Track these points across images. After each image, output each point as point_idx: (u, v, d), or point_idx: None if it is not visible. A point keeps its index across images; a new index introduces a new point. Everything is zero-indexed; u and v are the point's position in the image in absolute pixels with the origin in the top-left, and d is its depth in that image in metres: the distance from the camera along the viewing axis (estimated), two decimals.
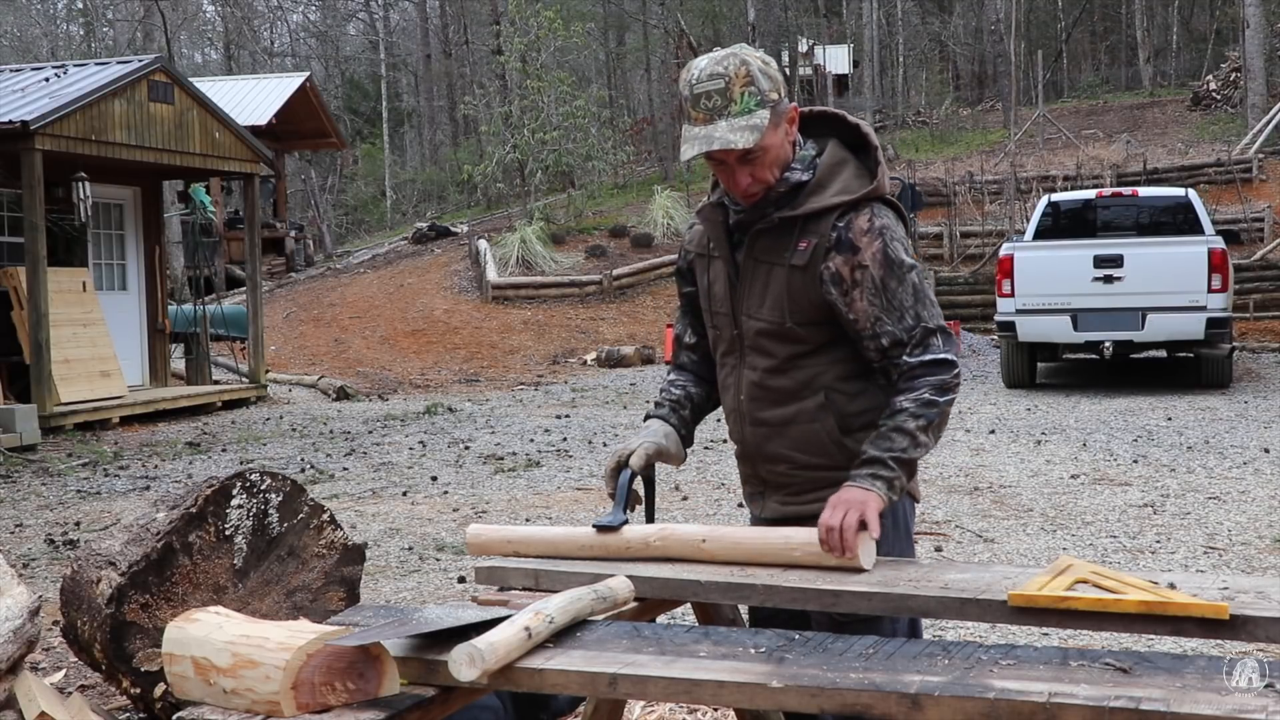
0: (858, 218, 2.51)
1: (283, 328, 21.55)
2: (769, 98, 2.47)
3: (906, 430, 2.46)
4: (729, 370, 2.71)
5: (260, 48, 46.80)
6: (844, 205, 2.52)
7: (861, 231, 2.50)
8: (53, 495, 8.75)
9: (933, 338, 2.51)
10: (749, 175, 2.51)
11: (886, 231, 2.50)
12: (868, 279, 2.49)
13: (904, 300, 2.49)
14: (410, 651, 2.07)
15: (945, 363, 2.50)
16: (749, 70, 2.45)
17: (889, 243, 2.50)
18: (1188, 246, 12.82)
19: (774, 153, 2.51)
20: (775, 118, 2.48)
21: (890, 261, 2.49)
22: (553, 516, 7.34)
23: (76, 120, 12.68)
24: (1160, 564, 5.79)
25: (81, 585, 3.30)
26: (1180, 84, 36.88)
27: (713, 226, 2.68)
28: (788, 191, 2.55)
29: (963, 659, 1.91)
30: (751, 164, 2.50)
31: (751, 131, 2.44)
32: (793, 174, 2.55)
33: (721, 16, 37.49)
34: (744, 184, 2.52)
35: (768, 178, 2.52)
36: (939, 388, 2.49)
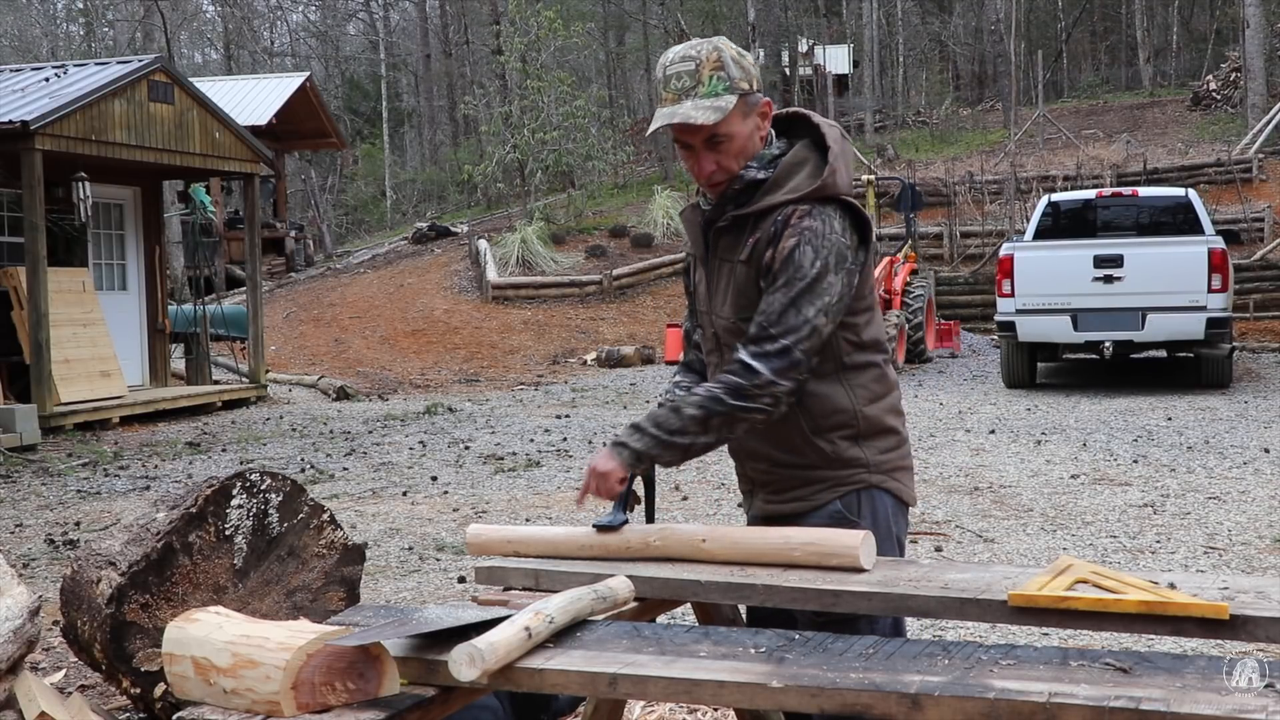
0: (792, 214, 2.51)
1: (283, 328, 21.55)
2: (738, 85, 2.49)
3: (683, 414, 2.50)
4: (713, 368, 2.73)
5: (260, 48, 46.80)
6: (790, 203, 2.52)
7: (788, 226, 2.50)
8: (53, 495, 8.75)
9: (767, 343, 2.47)
10: (714, 162, 2.53)
11: (809, 232, 2.48)
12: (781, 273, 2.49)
13: (777, 298, 2.48)
14: (410, 651, 2.07)
15: (750, 369, 2.47)
16: (720, 57, 2.49)
17: (802, 244, 2.47)
18: (1188, 246, 12.82)
19: (739, 142, 2.52)
20: (744, 107, 2.51)
21: (789, 260, 2.47)
22: (553, 516, 7.34)
23: (76, 120, 12.68)
24: (1160, 564, 5.79)
25: (81, 585, 3.30)
26: (1180, 84, 36.88)
27: (690, 228, 2.71)
28: (743, 189, 2.56)
29: (963, 659, 1.91)
30: (716, 150, 2.51)
31: (714, 111, 2.46)
32: (748, 172, 2.56)
33: (721, 16, 37.49)
34: (707, 170, 2.54)
35: (732, 166, 2.53)
36: (734, 390, 2.48)
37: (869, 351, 2.64)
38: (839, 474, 2.61)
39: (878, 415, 2.64)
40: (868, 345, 2.64)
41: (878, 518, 2.62)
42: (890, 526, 2.65)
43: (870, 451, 2.62)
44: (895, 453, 2.67)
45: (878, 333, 2.68)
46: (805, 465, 2.62)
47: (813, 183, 2.53)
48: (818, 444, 2.59)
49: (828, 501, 2.61)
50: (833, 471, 2.61)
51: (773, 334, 2.47)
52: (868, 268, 2.60)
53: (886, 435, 2.65)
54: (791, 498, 2.63)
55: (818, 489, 2.62)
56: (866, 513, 2.61)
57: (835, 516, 2.60)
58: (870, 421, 2.62)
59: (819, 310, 2.47)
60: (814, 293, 2.47)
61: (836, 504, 2.61)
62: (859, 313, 2.60)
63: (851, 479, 2.61)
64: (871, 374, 2.64)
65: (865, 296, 2.62)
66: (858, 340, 2.62)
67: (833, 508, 2.61)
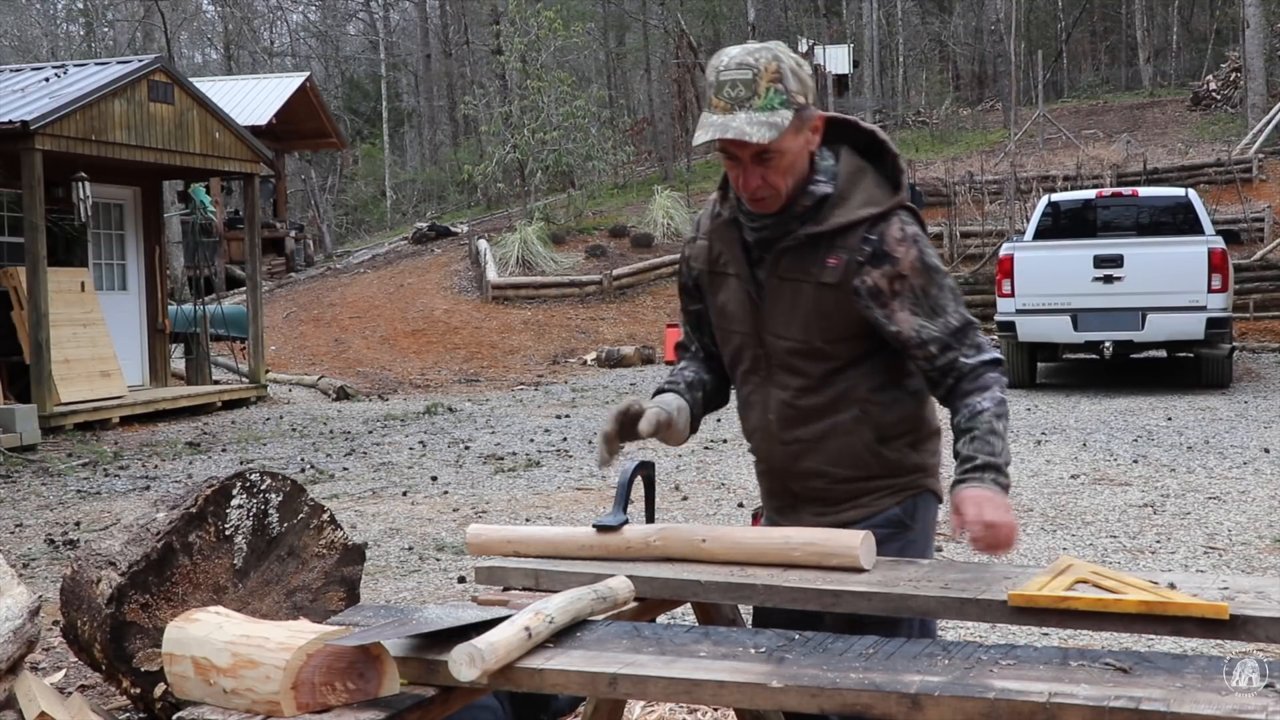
0: (889, 228, 2.44)
1: (283, 328, 21.55)
2: (795, 99, 2.35)
3: (999, 432, 2.43)
4: (753, 389, 2.62)
5: (260, 48, 46.80)
6: (873, 218, 2.45)
7: (896, 242, 2.43)
8: (53, 495, 8.75)
9: (978, 334, 2.49)
10: (760, 177, 2.39)
11: (919, 239, 2.46)
12: (907, 288, 2.43)
13: (945, 304, 2.46)
14: (410, 651, 2.07)
15: (999, 361, 2.50)
16: (779, 67, 2.34)
17: (923, 250, 2.45)
18: (1188, 246, 12.82)
19: (790, 158, 2.39)
20: (798, 122, 2.37)
21: (928, 268, 2.45)
22: (553, 516, 7.34)
23: (76, 120, 12.68)
24: (1160, 564, 5.79)
25: (81, 585, 3.30)
26: (1180, 84, 36.87)
27: (727, 244, 2.57)
28: (813, 205, 2.46)
29: (963, 659, 1.91)
30: (765, 165, 2.38)
31: (770, 129, 2.31)
32: (818, 186, 2.45)
33: (721, 16, 37.51)
34: (753, 185, 2.41)
35: (779, 184, 2.41)
36: (1003, 381, 2.49)
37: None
38: (900, 480, 2.57)
39: (931, 419, 2.63)
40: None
41: (927, 522, 2.62)
42: (933, 528, 2.67)
43: (926, 455, 2.61)
44: (938, 455, 2.66)
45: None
46: (867, 477, 2.56)
47: (890, 194, 2.48)
48: (884, 453, 2.55)
49: (887, 508, 2.56)
50: (895, 479, 2.57)
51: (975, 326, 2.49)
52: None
53: (935, 437, 2.64)
54: (848, 508, 2.58)
55: (877, 496, 2.57)
56: (921, 518, 2.58)
57: (893, 521, 2.56)
58: (926, 425, 2.61)
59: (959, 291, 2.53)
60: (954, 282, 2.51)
61: (896, 510, 2.57)
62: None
63: (912, 484, 2.58)
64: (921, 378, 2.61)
65: None
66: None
67: (891, 514, 2.57)
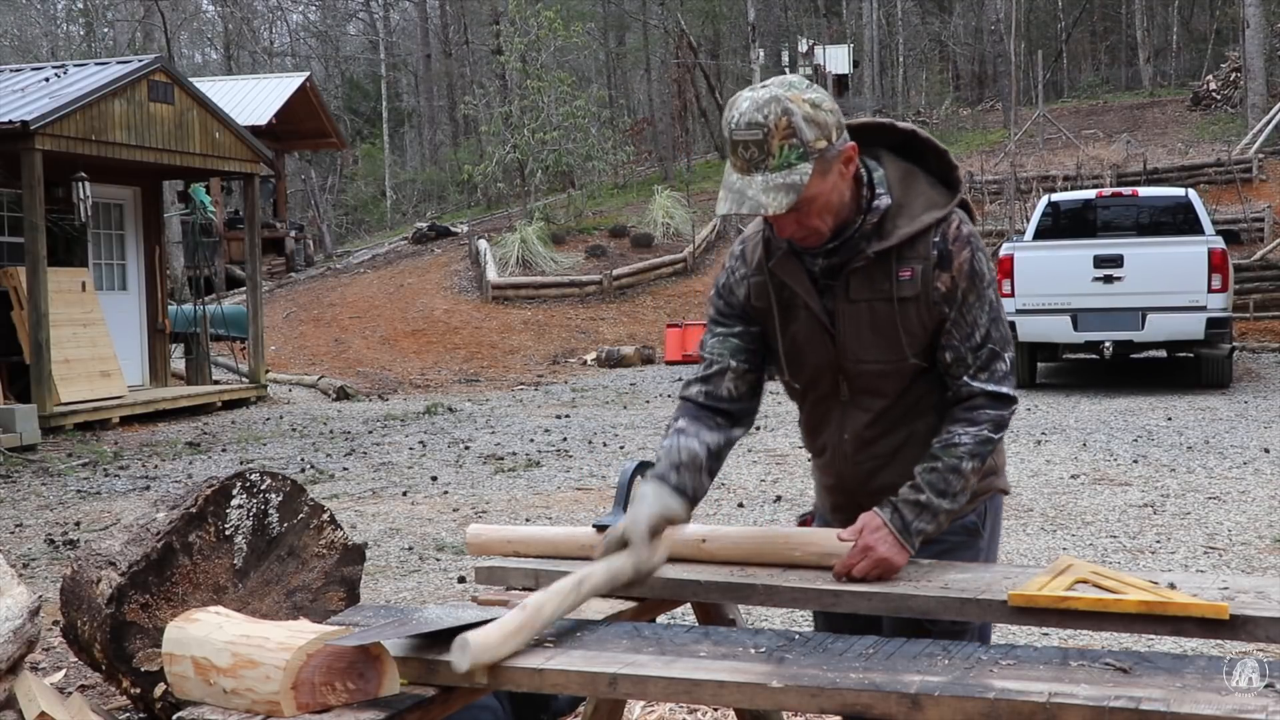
0: (949, 228, 2.39)
1: (283, 328, 21.55)
2: (814, 148, 2.25)
3: (963, 473, 2.35)
4: (827, 410, 2.54)
5: (260, 48, 46.79)
6: (937, 222, 2.39)
7: (952, 240, 2.38)
8: (53, 495, 8.75)
9: (998, 363, 2.39)
10: (794, 223, 2.33)
11: (974, 240, 2.40)
12: (956, 289, 2.37)
13: (977, 316, 2.37)
14: (410, 651, 2.07)
15: (1007, 398, 2.39)
16: (790, 121, 2.23)
17: (975, 253, 2.38)
18: (1188, 246, 12.82)
19: (822, 200, 2.31)
20: (823, 165, 2.28)
21: (974, 274, 2.37)
22: (553, 516, 7.34)
23: (76, 120, 12.68)
24: (1160, 564, 5.79)
25: (81, 585, 3.30)
26: (1180, 84, 36.86)
27: (793, 276, 2.45)
28: (878, 221, 2.39)
29: (963, 659, 1.91)
30: (799, 213, 2.30)
31: (786, 192, 2.24)
32: (880, 200, 2.39)
33: (721, 16, 37.50)
34: (789, 231, 2.35)
35: (818, 225, 2.33)
36: (998, 424, 2.38)
37: None
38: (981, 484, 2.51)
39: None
40: None
41: (994, 522, 2.59)
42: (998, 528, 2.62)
43: (999, 457, 2.59)
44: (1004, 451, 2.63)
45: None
46: None
47: (947, 194, 2.42)
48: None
49: (965, 514, 2.51)
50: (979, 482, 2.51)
51: (997, 352, 2.39)
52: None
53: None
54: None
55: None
56: (989, 520, 2.54)
57: (968, 528, 2.53)
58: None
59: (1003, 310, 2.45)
60: (998, 296, 2.43)
61: (971, 516, 2.53)
62: None
63: (985, 487, 2.54)
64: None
65: None
66: None
67: (968, 520, 2.53)
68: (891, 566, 2.32)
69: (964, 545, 2.52)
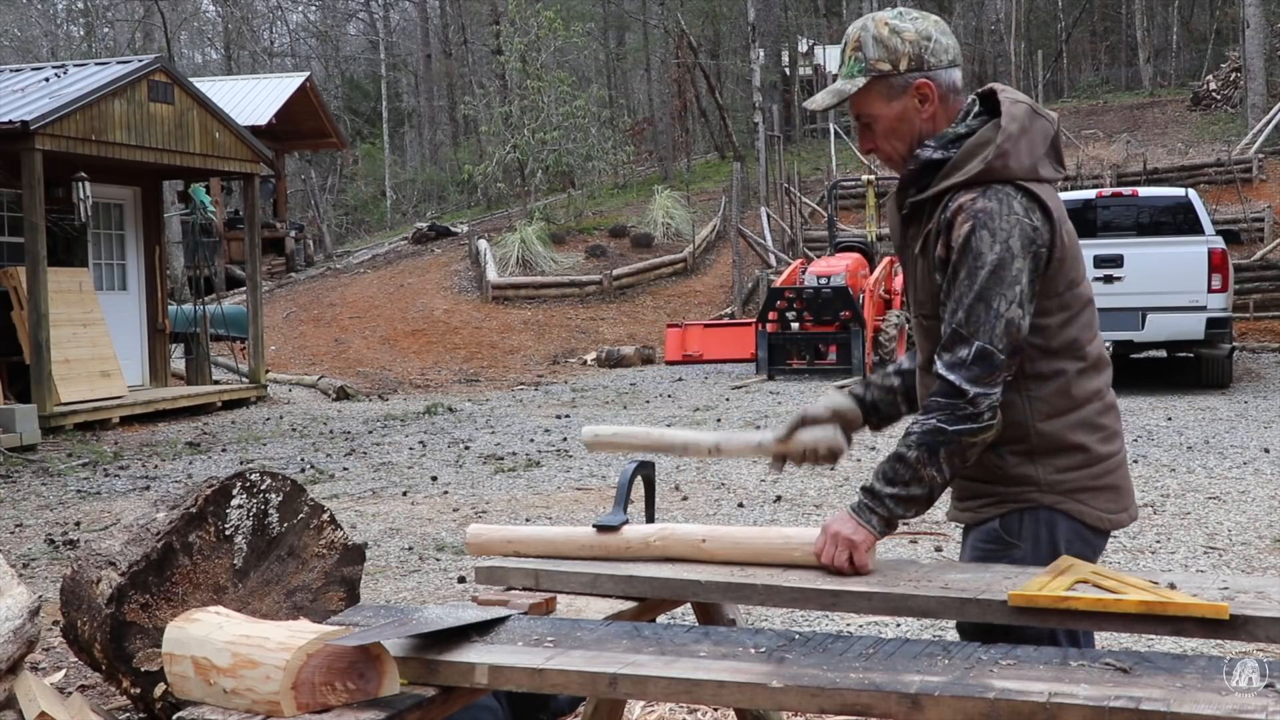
0: (963, 196, 2.32)
1: (283, 328, 21.56)
2: (875, 66, 2.38)
3: (908, 461, 2.32)
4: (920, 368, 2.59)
5: (260, 48, 46.79)
6: (959, 186, 2.33)
7: (959, 210, 2.32)
8: (53, 495, 8.75)
9: (960, 347, 2.29)
10: (870, 141, 2.47)
11: (983, 215, 2.28)
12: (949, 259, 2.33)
13: (962, 294, 2.29)
14: (410, 651, 2.07)
15: (955, 389, 2.28)
16: (861, 36, 2.41)
17: (977, 229, 2.28)
18: (1188, 246, 12.82)
19: (886, 124, 2.41)
20: (884, 88, 2.39)
21: (968, 249, 2.28)
22: (553, 516, 7.34)
23: (76, 120, 12.68)
24: (1160, 564, 5.79)
25: (81, 585, 3.30)
26: (1180, 84, 36.85)
27: (891, 217, 2.58)
28: (920, 171, 2.40)
29: (963, 659, 1.91)
30: (869, 130, 2.45)
31: (831, 95, 2.42)
32: (924, 151, 2.39)
33: (721, 16, 37.49)
34: (865, 147, 2.51)
35: (886, 148, 2.44)
36: (950, 414, 2.29)
37: (1060, 358, 2.39)
38: (1006, 490, 2.42)
39: (1057, 431, 2.39)
40: (1058, 351, 2.38)
41: (1040, 540, 2.41)
42: (1060, 551, 2.39)
43: (1044, 470, 2.39)
44: (1081, 472, 2.40)
45: (1078, 335, 2.40)
46: (977, 478, 2.45)
47: (980, 165, 2.33)
48: (985, 458, 2.40)
49: (990, 518, 2.45)
50: (1001, 488, 2.43)
51: (964, 335, 2.28)
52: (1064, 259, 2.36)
53: (1070, 453, 2.40)
54: (966, 506, 2.51)
55: (984, 503, 2.46)
56: (1029, 534, 2.41)
57: (990, 535, 2.46)
58: (1047, 438, 2.39)
59: (1011, 301, 2.26)
60: (1001, 281, 2.27)
61: (995, 523, 2.45)
62: (1050, 313, 2.36)
63: (1019, 497, 2.41)
64: (1055, 385, 2.39)
65: (1059, 293, 2.37)
66: (1045, 345, 2.37)
67: (991, 526, 2.45)
68: (849, 543, 2.36)
69: (991, 555, 2.45)
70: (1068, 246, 2.37)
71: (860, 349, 15.32)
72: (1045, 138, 2.40)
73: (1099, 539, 2.46)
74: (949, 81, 2.42)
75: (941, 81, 2.41)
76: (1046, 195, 2.35)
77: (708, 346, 18.70)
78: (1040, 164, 2.37)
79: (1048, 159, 2.40)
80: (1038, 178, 2.35)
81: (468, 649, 2.08)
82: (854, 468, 8.46)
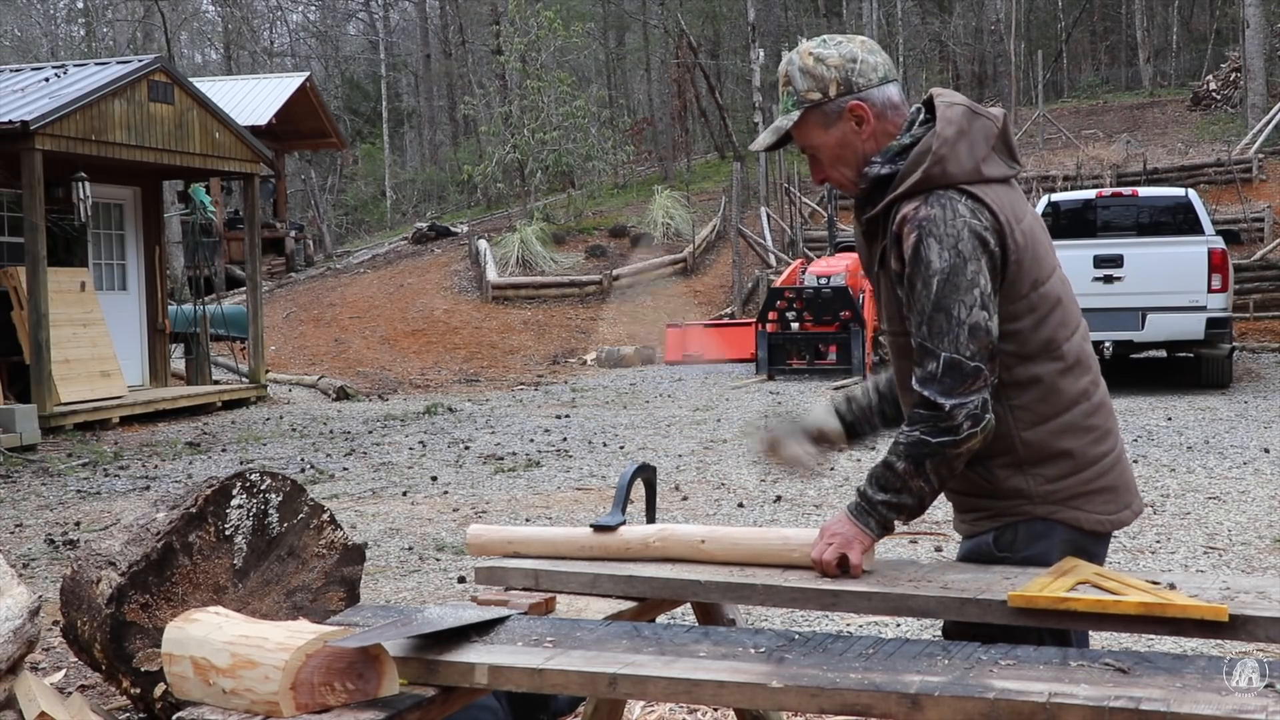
0: (905, 207, 2.29)
1: (283, 328, 21.55)
2: (806, 97, 2.38)
3: (896, 471, 2.31)
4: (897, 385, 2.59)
5: (260, 48, 46.79)
6: (899, 197, 2.31)
7: (904, 222, 2.29)
8: (53, 495, 8.75)
9: (929, 361, 2.25)
10: (820, 172, 2.47)
11: (926, 224, 2.25)
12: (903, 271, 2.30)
13: (922, 305, 2.25)
14: (410, 652, 2.07)
15: (929, 402, 2.25)
16: (788, 71, 2.41)
17: (924, 238, 2.24)
18: (1188, 246, 12.82)
19: (829, 151, 2.40)
20: (820, 117, 2.38)
21: (918, 259, 2.25)
22: (553, 516, 7.34)
23: (76, 120, 12.68)
24: (1160, 564, 5.79)
25: (81, 585, 3.30)
26: (1180, 84, 36.85)
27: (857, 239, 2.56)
28: (871, 189, 2.38)
29: (963, 659, 1.91)
30: (818, 161, 2.45)
31: (772, 134, 2.45)
32: (871, 168, 2.37)
33: (721, 16, 37.49)
34: (817, 178, 2.51)
35: (835, 176, 2.43)
36: (931, 427, 2.25)
37: (1036, 362, 2.33)
38: (998, 504, 2.38)
39: (1043, 439, 2.34)
40: (1034, 355, 2.32)
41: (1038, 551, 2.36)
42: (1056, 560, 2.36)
43: (1035, 481, 2.34)
44: (1073, 479, 2.35)
45: (1052, 335, 2.34)
46: (968, 493, 2.43)
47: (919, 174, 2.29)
48: (971, 474, 2.37)
49: (984, 531, 2.42)
50: (993, 502, 2.38)
51: (929, 348, 2.24)
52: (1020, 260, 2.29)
53: (1058, 460, 2.34)
54: (964, 519, 2.49)
55: (978, 517, 2.43)
56: (1025, 546, 2.36)
57: (982, 550, 2.42)
58: (1033, 447, 2.34)
59: (971, 305, 2.21)
60: (957, 288, 2.22)
61: (988, 538, 2.40)
62: (1018, 316, 2.30)
63: (1012, 510, 2.37)
64: (1036, 391, 2.33)
65: (1024, 295, 2.30)
66: (1019, 351, 2.32)
67: (983, 540, 2.42)
68: (843, 540, 2.37)
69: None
70: (1024, 247, 2.30)
71: (860, 349, 15.33)
72: (987, 136, 2.34)
73: (1099, 543, 2.42)
74: (883, 99, 2.37)
75: (875, 100, 2.37)
76: (993, 196, 2.29)
77: (708, 346, 18.70)
78: (985, 163, 2.32)
79: (996, 156, 2.35)
80: (982, 179, 2.30)
81: (468, 649, 2.08)
82: (854, 467, 8.46)
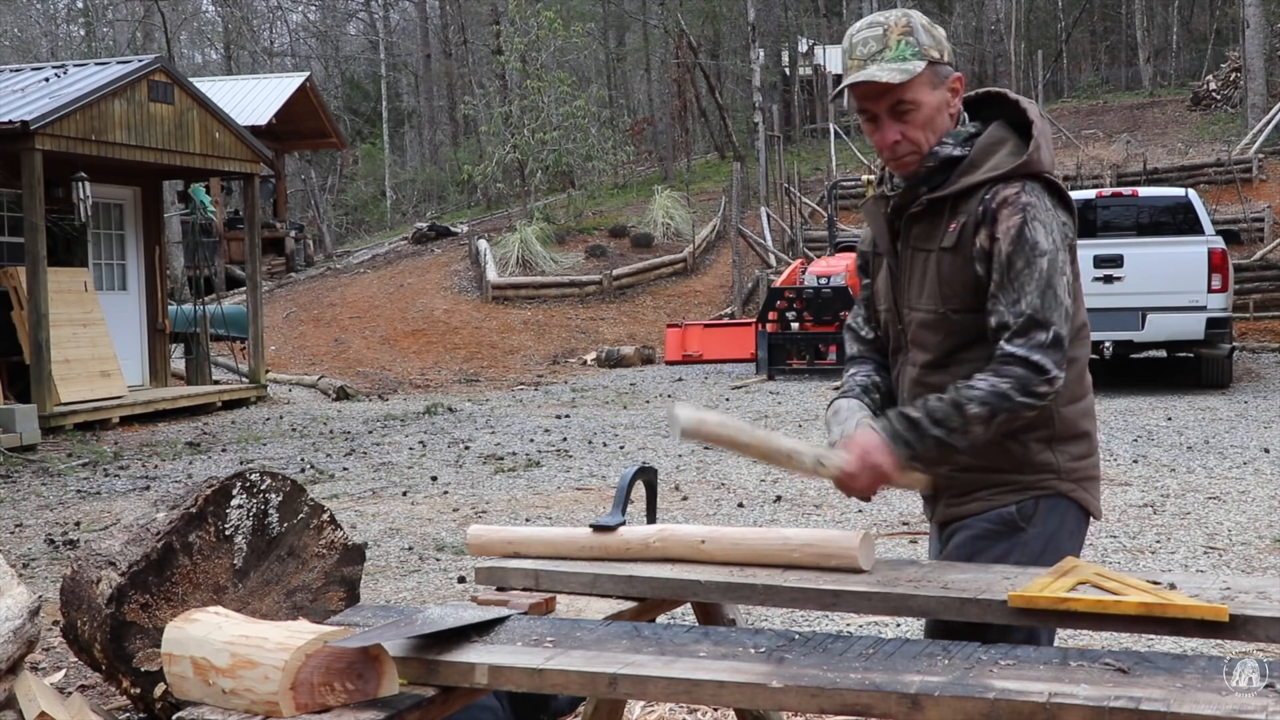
0: (1005, 190, 2.36)
1: (283, 328, 21.55)
2: (927, 52, 2.37)
3: (965, 413, 2.31)
4: (897, 369, 2.60)
5: (260, 48, 46.79)
6: (993, 180, 2.38)
7: (1004, 203, 2.35)
8: (53, 495, 8.75)
9: (1037, 331, 2.32)
10: (898, 132, 2.39)
11: (1030, 209, 2.34)
12: (997, 251, 2.34)
13: (1024, 283, 2.32)
14: (410, 652, 2.07)
15: (1038, 367, 2.30)
16: (909, 23, 2.38)
17: (1029, 220, 2.33)
18: (1188, 246, 12.83)
19: (927, 112, 2.39)
20: (933, 77, 2.38)
21: (1022, 239, 2.32)
22: (553, 516, 7.34)
23: (76, 120, 12.68)
24: (1160, 564, 5.79)
25: (81, 585, 3.30)
26: (1180, 84, 36.85)
27: (874, 220, 2.56)
28: (938, 168, 2.41)
29: (963, 659, 1.91)
30: (902, 120, 2.38)
31: (900, 73, 2.34)
32: (943, 148, 2.41)
33: (721, 16, 37.48)
34: (890, 139, 2.40)
35: (918, 138, 2.40)
36: (1023, 387, 2.30)
37: (1075, 345, 2.44)
38: (1025, 478, 2.45)
39: (1074, 418, 2.47)
40: (1074, 338, 2.43)
41: (1050, 527, 2.45)
42: (1068, 539, 2.47)
43: (1062, 457, 2.45)
44: (1087, 460, 2.49)
45: (1084, 321, 2.49)
46: (989, 469, 2.45)
47: (1015, 159, 2.38)
48: (1009, 446, 2.42)
49: (1004, 504, 2.45)
50: (1019, 475, 2.45)
51: (1040, 320, 2.31)
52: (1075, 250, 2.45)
53: (1080, 440, 2.48)
54: (972, 499, 2.49)
55: (999, 490, 2.46)
56: (1041, 520, 2.44)
57: (1004, 519, 2.45)
58: (1066, 424, 2.45)
59: (1066, 289, 2.34)
60: (1059, 271, 2.34)
61: (1011, 508, 2.45)
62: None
63: (1037, 484, 2.44)
64: (1074, 370, 2.45)
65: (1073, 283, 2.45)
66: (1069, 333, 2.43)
67: (1005, 511, 2.45)
68: (878, 468, 2.35)
69: (997, 536, 2.45)
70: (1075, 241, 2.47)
71: None
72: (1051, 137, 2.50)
73: (1086, 530, 2.54)
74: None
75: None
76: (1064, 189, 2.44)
77: (708, 346, 18.71)
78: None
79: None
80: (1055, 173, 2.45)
81: (468, 649, 2.08)
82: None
